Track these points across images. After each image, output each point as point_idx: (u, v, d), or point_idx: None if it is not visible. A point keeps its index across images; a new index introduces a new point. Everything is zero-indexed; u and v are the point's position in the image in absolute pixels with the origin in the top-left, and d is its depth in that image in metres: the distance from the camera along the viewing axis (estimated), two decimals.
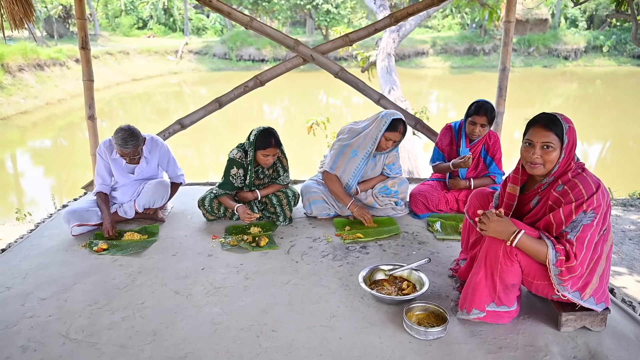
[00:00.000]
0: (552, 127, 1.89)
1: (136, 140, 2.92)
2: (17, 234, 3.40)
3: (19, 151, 12.39)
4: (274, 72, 3.78)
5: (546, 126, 1.90)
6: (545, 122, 1.91)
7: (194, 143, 11.59)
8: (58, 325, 2.10)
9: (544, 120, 1.92)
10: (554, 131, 1.89)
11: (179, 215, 3.42)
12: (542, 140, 1.89)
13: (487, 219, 1.90)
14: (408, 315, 2.09)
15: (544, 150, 1.90)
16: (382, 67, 7.09)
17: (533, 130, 1.93)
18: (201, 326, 2.09)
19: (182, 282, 2.47)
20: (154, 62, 24.62)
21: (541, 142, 1.89)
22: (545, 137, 1.89)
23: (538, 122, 1.93)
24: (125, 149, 2.89)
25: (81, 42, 3.56)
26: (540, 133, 1.90)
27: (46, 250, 2.85)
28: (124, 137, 2.89)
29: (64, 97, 17.63)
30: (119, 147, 2.90)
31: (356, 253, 2.79)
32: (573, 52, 27.12)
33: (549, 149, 1.89)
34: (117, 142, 2.90)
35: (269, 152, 2.93)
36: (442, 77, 24.69)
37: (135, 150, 2.94)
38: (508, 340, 1.97)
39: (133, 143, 2.91)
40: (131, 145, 2.90)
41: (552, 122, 1.90)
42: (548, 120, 1.91)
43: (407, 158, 5.95)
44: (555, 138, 1.89)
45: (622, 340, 1.98)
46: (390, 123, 3.00)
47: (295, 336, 2.01)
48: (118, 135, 2.91)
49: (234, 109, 16.29)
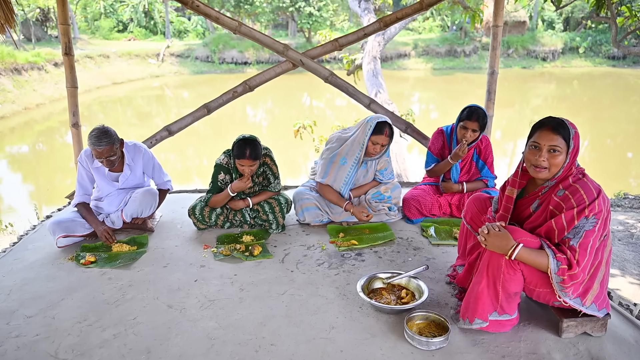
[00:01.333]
0: (560, 130, 1.88)
1: (109, 138, 2.84)
2: (3, 246, 3.26)
3: None
4: (263, 77, 3.73)
5: (554, 130, 1.88)
6: (553, 125, 1.90)
7: (177, 147, 11.41)
8: (46, 344, 2.01)
9: (552, 124, 1.90)
10: (561, 135, 1.87)
11: (169, 224, 3.33)
12: (549, 143, 1.87)
13: (486, 234, 1.88)
14: (409, 325, 2.06)
15: (551, 154, 1.88)
16: (368, 70, 7.09)
17: (540, 133, 1.91)
18: (197, 342, 2.02)
19: (174, 295, 2.40)
20: (135, 65, 24.23)
21: (549, 145, 1.88)
22: (553, 141, 1.87)
23: (546, 125, 1.92)
24: (98, 147, 2.81)
25: (64, 48, 3.44)
26: (549, 136, 1.88)
27: (31, 264, 2.74)
28: (97, 135, 2.82)
29: (42, 101, 17.18)
30: (93, 146, 2.82)
31: (352, 260, 2.75)
32: (551, 54, 27.73)
33: (555, 153, 1.87)
34: (91, 141, 2.83)
35: (244, 163, 2.87)
36: (425, 79, 24.94)
37: (110, 149, 2.85)
38: (510, 349, 1.96)
39: (106, 140, 2.82)
40: (104, 142, 2.81)
41: (560, 126, 1.89)
42: (556, 124, 1.90)
43: (395, 161, 5.94)
44: (562, 142, 1.87)
45: (622, 346, 1.98)
46: (376, 126, 2.98)
47: (295, 349, 1.96)
48: (92, 134, 2.85)
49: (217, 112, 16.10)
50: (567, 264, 1.81)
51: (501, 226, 1.89)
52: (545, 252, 1.83)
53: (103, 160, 2.87)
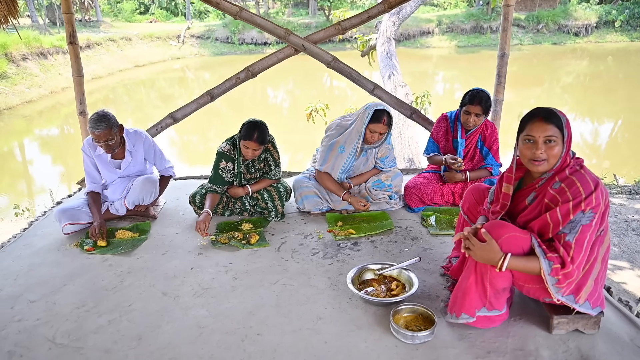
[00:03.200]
0: (553, 120, 1.80)
1: (107, 122, 2.89)
2: (15, 231, 3.40)
3: (26, 140, 12.45)
4: (265, 63, 3.70)
5: (547, 120, 1.80)
6: (544, 115, 1.82)
7: (198, 129, 11.54)
8: (45, 329, 2.10)
9: (542, 114, 1.82)
10: (555, 124, 1.79)
11: (172, 211, 3.39)
12: (544, 134, 1.79)
13: (472, 244, 1.84)
14: (396, 317, 2.06)
15: (547, 145, 1.80)
16: (382, 52, 6.93)
17: (532, 125, 1.83)
18: (186, 330, 2.07)
19: (170, 282, 2.46)
20: (157, 47, 24.44)
21: (544, 136, 1.79)
22: (547, 131, 1.79)
23: (536, 116, 1.83)
24: (97, 130, 2.86)
25: (69, 37, 3.49)
26: (542, 127, 1.80)
27: (38, 250, 2.85)
28: (96, 118, 2.88)
29: (68, 85, 17.57)
30: (92, 130, 2.88)
31: (347, 250, 2.75)
32: (584, 28, 26.42)
33: (552, 144, 1.79)
34: (90, 124, 2.89)
35: (249, 145, 2.88)
36: (448, 57, 24.24)
37: (109, 132, 2.90)
38: (497, 344, 1.93)
39: (105, 124, 2.87)
40: (103, 126, 2.87)
41: (551, 115, 1.81)
42: (547, 114, 1.82)
43: (407, 145, 5.85)
44: (557, 131, 1.79)
45: (616, 344, 1.93)
46: (373, 114, 2.92)
47: (280, 340, 1.99)
48: (91, 118, 2.91)
49: (238, 93, 16.14)
50: (560, 263, 1.74)
51: (480, 229, 1.83)
52: (536, 256, 1.78)
53: (102, 144, 2.93)
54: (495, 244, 1.79)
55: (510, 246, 1.81)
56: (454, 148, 3.27)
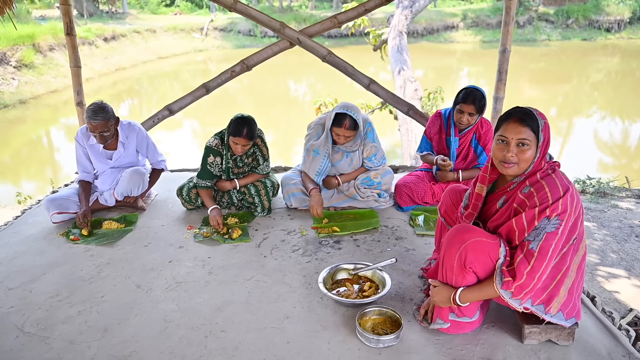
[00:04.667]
0: (528, 122, 1.73)
1: (105, 114, 2.92)
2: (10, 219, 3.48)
3: (53, 129, 12.82)
4: (260, 57, 3.66)
5: (522, 121, 1.73)
6: (520, 116, 1.74)
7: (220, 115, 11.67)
8: (16, 317, 2.13)
9: (518, 115, 1.75)
10: (530, 126, 1.72)
11: (161, 203, 3.41)
12: (517, 136, 1.72)
13: (432, 289, 1.90)
14: (363, 319, 2.00)
15: (519, 149, 1.73)
16: (393, 46, 6.79)
17: (507, 125, 1.76)
18: (152, 323, 2.07)
19: (146, 275, 2.46)
20: (180, 39, 24.73)
21: (516, 139, 1.73)
22: (520, 134, 1.72)
23: (512, 116, 1.76)
24: (94, 120, 2.89)
25: (66, 28, 3.53)
26: (516, 129, 1.73)
27: (25, 238, 2.90)
28: (94, 109, 2.91)
29: (92, 76, 17.95)
30: (88, 119, 2.91)
31: (328, 248, 2.70)
32: (616, 24, 25.33)
33: (524, 147, 1.72)
34: (87, 114, 2.92)
35: (238, 141, 2.85)
36: (472, 52, 23.69)
37: (105, 124, 2.93)
38: (464, 352, 1.86)
39: (102, 115, 2.90)
40: (100, 117, 2.90)
41: (527, 117, 1.74)
42: (523, 115, 1.74)
43: (413, 142, 5.73)
44: (531, 134, 1.72)
45: (590, 357, 1.83)
46: (335, 118, 2.86)
47: (243, 338, 1.97)
48: (89, 108, 2.94)
49: (259, 83, 16.09)
50: (512, 275, 1.67)
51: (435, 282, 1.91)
52: (491, 279, 1.74)
53: (96, 134, 2.96)
54: (443, 288, 1.85)
55: (475, 252, 1.73)
56: (447, 147, 3.17)
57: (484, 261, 1.76)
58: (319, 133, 3.08)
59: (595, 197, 4.10)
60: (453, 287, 1.83)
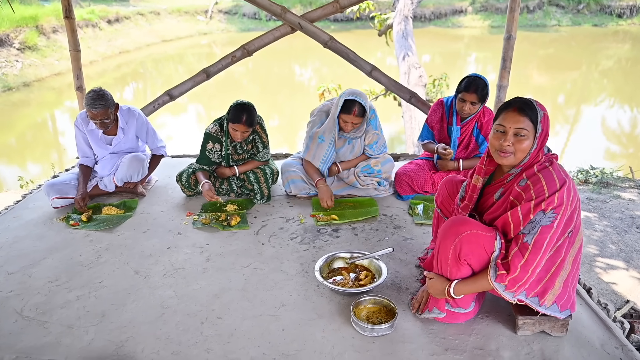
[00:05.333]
0: (527, 111, 1.72)
1: (105, 101, 2.90)
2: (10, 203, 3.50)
3: (57, 112, 12.80)
4: (261, 42, 3.62)
5: (521, 110, 1.72)
6: (519, 105, 1.74)
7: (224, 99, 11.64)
8: (16, 301, 2.16)
9: (518, 104, 1.74)
10: (528, 116, 1.71)
11: (161, 189, 3.42)
12: (515, 126, 1.72)
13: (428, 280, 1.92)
14: (358, 308, 2.01)
15: (517, 138, 1.72)
16: (398, 31, 6.69)
17: (506, 114, 1.76)
18: (150, 309, 2.09)
19: (144, 261, 2.48)
20: (184, 22, 24.50)
21: (514, 128, 1.72)
22: (519, 123, 1.71)
23: (511, 105, 1.76)
24: (94, 109, 2.88)
25: (65, 11, 3.50)
26: (514, 118, 1.72)
27: (26, 222, 2.93)
28: (93, 97, 2.89)
29: (96, 58, 17.85)
30: (88, 107, 2.90)
31: (326, 236, 2.70)
32: (628, 9, 24.79)
33: (521, 137, 1.72)
34: (87, 102, 2.90)
35: (238, 128, 2.84)
36: (481, 38, 23.32)
37: (105, 112, 2.92)
38: (457, 342, 1.86)
39: (102, 104, 2.89)
40: (100, 105, 2.88)
41: (527, 107, 1.73)
42: (523, 104, 1.73)
43: (416, 129, 5.69)
44: (529, 124, 1.71)
45: (583, 349, 1.83)
46: (343, 104, 2.83)
47: (239, 325, 1.98)
48: (88, 95, 2.91)
49: (264, 68, 15.92)
50: (506, 268, 1.67)
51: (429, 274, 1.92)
52: (485, 272, 1.74)
53: (97, 122, 2.96)
54: (438, 280, 1.85)
55: (470, 244, 1.73)
56: (449, 135, 3.13)
57: (479, 254, 1.75)
58: (322, 120, 3.06)
59: (598, 188, 4.06)
60: (448, 279, 1.83)
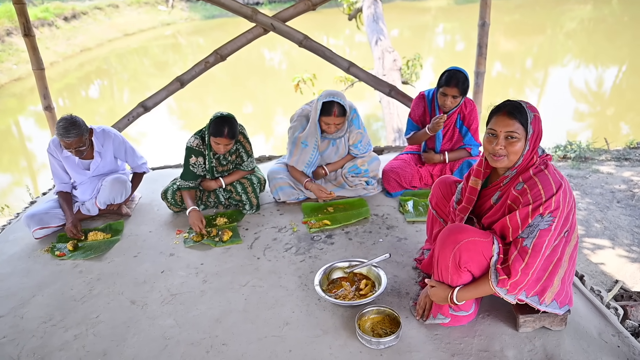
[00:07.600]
0: (517, 115, 1.74)
1: (78, 129, 2.76)
2: None
3: (21, 119, 12.28)
4: (234, 45, 3.52)
5: (510, 114, 1.74)
6: (509, 109, 1.76)
7: (196, 97, 11.37)
8: (11, 348, 2.09)
9: (507, 108, 1.76)
10: (518, 120, 1.73)
11: (146, 206, 3.33)
12: (505, 129, 1.74)
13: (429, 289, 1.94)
14: (362, 320, 2.03)
15: (508, 141, 1.75)
16: (369, 15, 6.60)
17: (496, 118, 1.78)
18: (152, 342, 2.06)
19: (139, 289, 2.43)
20: (145, 13, 23.66)
21: (505, 131, 1.74)
22: (509, 127, 1.73)
23: (501, 109, 1.78)
24: (67, 138, 2.74)
25: (23, 29, 3.31)
26: (504, 122, 1.74)
27: (9, 257, 2.82)
28: (65, 126, 2.73)
29: (56, 59, 17.09)
30: (61, 137, 2.75)
31: (320, 244, 2.69)
32: None
33: (513, 140, 1.74)
34: (59, 132, 2.75)
35: (220, 141, 2.77)
36: (447, 9, 23.35)
37: (79, 140, 2.78)
38: (463, 345, 1.90)
39: (75, 132, 2.75)
40: (73, 134, 2.74)
41: (516, 110, 1.75)
42: (512, 108, 1.76)
43: (395, 115, 5.69)
44: (519, 127, 1.73)
45: (582, 340, 1.89)
46: (322, 107, 2.80)
47: (245, 350, 1.97)
48: (59, 125, 2.76)
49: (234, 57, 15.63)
50: (507, 273, 1.70)
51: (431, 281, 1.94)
52: (486, 277, 1.77)
53: (72, 150, 2.83)
54: (440, 287, 1.87)
55: (469, 252, 1.75)
56: None
57: (479, 260, 1.78)
58: (303, 124, 3.02)
59: (577, 163, 4.16)
60: (449, 285, 1.86)
